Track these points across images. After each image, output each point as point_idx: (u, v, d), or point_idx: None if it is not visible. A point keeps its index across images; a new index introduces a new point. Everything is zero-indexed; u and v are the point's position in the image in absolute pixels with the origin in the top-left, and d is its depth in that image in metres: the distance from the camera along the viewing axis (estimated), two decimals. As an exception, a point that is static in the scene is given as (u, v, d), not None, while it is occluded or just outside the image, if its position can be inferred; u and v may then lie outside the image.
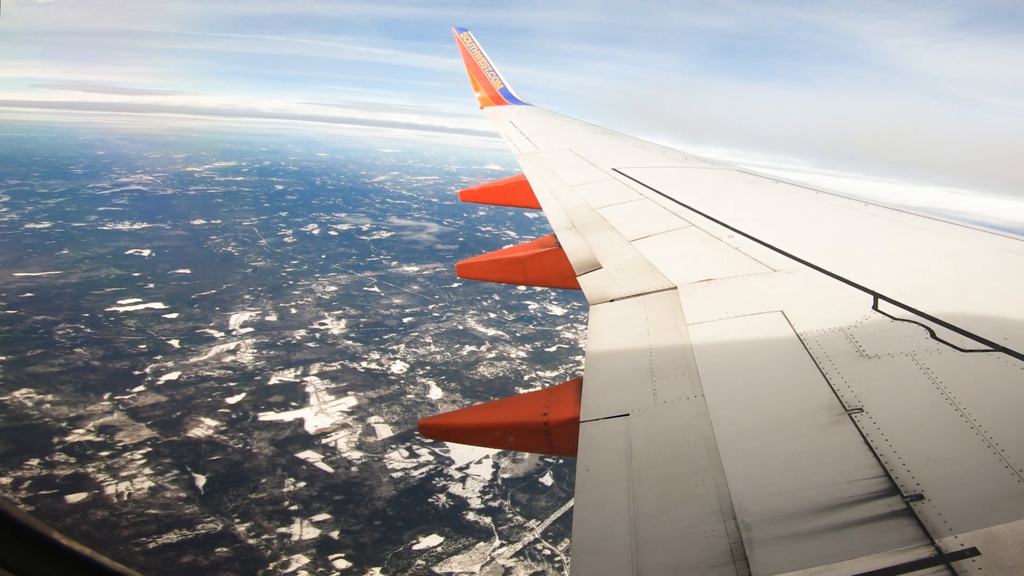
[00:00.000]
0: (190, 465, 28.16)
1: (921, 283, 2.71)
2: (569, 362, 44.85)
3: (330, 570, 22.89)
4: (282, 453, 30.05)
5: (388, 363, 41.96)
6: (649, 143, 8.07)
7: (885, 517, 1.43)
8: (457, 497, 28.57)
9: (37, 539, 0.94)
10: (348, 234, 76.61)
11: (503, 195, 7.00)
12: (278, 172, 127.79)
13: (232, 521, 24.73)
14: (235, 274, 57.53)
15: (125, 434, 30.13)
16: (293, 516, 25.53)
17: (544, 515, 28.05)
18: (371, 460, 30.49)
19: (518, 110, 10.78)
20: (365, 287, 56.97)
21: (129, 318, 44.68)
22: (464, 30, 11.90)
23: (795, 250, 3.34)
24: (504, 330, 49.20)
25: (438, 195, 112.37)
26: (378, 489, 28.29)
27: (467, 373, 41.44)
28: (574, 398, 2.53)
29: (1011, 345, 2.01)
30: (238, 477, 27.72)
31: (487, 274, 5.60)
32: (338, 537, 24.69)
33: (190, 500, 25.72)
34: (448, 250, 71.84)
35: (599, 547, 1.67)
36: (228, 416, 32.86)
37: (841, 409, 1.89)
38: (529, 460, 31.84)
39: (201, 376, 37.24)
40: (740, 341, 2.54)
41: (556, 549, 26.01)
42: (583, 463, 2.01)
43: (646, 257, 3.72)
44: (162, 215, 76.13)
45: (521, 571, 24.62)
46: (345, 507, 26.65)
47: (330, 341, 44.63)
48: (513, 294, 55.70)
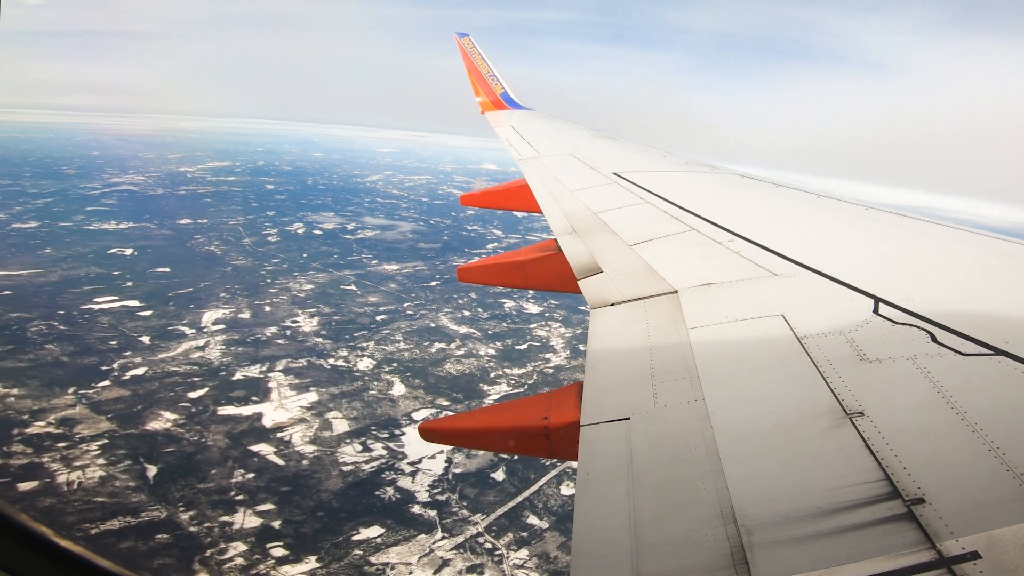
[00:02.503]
0: (143, 456, 29.44)
1: (922, 287, 2.75)
2: (538, 359, 45.61)
3: (266, 557, 23.92)
4: (236, 446, 31.23)
5: (355, 360, 43.07)
6: (650, 147, 8.23)
7: (886, 521, 1.45)
8: (405, 490, 29.51)
9: (37, 540, 0.95)
10: (332, 233, 78.12)
11: (504, 199, 7.09)
12: (271, 172, 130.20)
13: (177, 509, 25.91)
14: (214, 272, 59.12)
15: (84, 426, 31.53)
16: (237, 506, 26.64)
17: (491, 510, 28.85)
18: (323, 454, 31.55)
19: (519, 114, 10.99)
20: (342, 285, 58.25)
21: (103, 315, 46.34)
22: (465, 35, 12.22)
23: (795, 254, 3.42)
24: (476, 328, 50.13)
25: (429, 195, 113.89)
26: (326, 482, 29.32)
27: (433, 370, 42.42)
28: (575, 402, 2.60)
29: (1012, 349, 2.04)
30: (189, 468, 28.93)
31: (488, 278, 5.74)
32: (279, 527, 25.74)
33: (138, 489, 26.96)
34: (430, 249, 73.06)
35: (599, 551, 1.70)
36: (188, 410, 34.16)
37: (842, 413, 1.93)
38: (483, 455, 32.64)
39: (167, 372, 38.64)
40: (741, 345, 2.60)
41: (498, 543, 26.80)
42: (583, 467, 2.06)
43: (647, 261, 3.80)
44: (149, 215, 78.28)
45: (459, 563, 25.44)
46: (291, 498, 27.71)
47: (300, 338, 45.88)
48: (491, 292, 56.56)
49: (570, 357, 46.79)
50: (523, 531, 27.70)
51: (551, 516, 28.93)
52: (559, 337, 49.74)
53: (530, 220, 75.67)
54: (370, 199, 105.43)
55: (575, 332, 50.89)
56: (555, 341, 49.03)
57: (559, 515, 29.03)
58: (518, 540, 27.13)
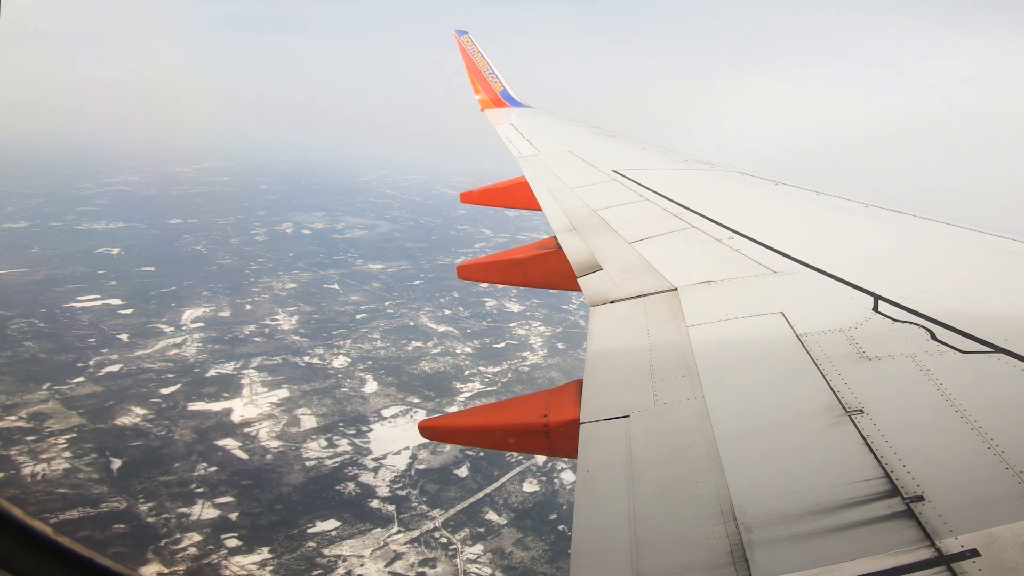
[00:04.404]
0: (110, 450, 30.50)
1: (921, 285, 2.80)
2: (515, 358, 46.26)
3: (219, 548, 24.80)
4: (202, 440, 32.23)
5: (331, 358, 44.01)
6: (650, 144, 8.33)
7: (885, 518, 1.47)
8: (365, 485, 30.30)
9: (37, 539, 0.97)
10: (320, 232, 79.45)
11: (503, 197, 7.19)
12: (266, 171, 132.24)
13: (137, 501, 26.90)
14: (199, 272, 60.47)
15: (55, 421, 32.69)
16: (197, 498, 27.59)
17: (450, 505, 29.54)
18: (288, 449, 32.45)
19: (519, 112, 11.16)
20: (325, 284, 59.34)
21: (84, 313, 47.73)
22: (464, 33, 12.35)
23: (795, 252, 3.48)
24: (455, 326, 50.91)
25: (422, 193, 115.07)
26: (288, 476, 30.20)
27: (407, 368, 43.24)
28: (574, 400, 2.64)
29: (1011, 346, 2.08)
30: (153, 461, 29.94)
31: (487, 276, 5.79)
32: (236, 518, 26.64)
33: (101, 481, 28.00)
34: (417, 248, 74.03)
35: (599, 548, 1.74)
36: (158, 405, 35.24)
37: (841, 410, 1.96)
38: (449, 452, 33.38)
39: (141, 368, 39.81)
40: (740, 342, 2.65)
41: (454, 538, 27.48)
42: (583, 465, 2.10)
43: (646, 259, 3.87)
44: (140, 215, 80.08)
45: (412, 556, 26.15)
46: (251, 491, 28.61)
47: (277, 336, 46.94)
48: (474, 291, 57.36)
49: (547, 355, 47.42)
50: (480, 527, 28.36)
51: (510, 512, 29.57)
52: (538, 336, 50.36)
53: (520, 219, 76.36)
54: (362, 198, 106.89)
55: (555, 331, 51.50)
56: (534, 340, 49.65)
57: (519, 512, 29.67)
58: (474, 535, 27.79)
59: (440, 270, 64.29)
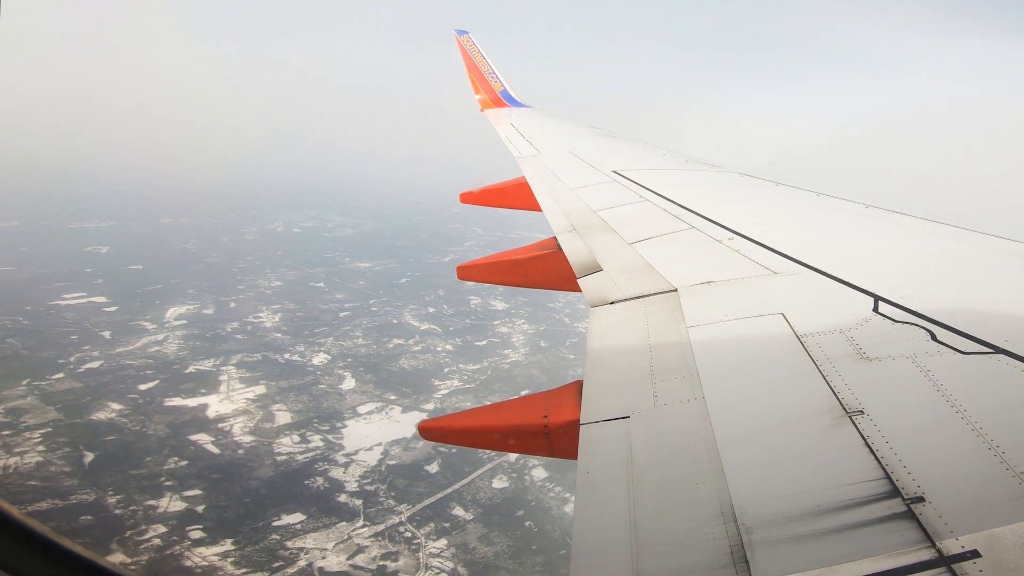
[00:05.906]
0: (83, 444, 31.34)
1: (921, 285, 2.83)
2: (496, 355, 46.80)
3: (183, 539, 25.51)
4: (175, 435, 33.01)
5: (311, 355, 44.77)
6: (650, 144, 8.42)
7: (886, 519, 1.49)
8: (335, 480, 30.95)
9: (36, 540, 0.98)
10: (311, 231, 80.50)
11: (503, 197, 7.22)
12: (264, 171, 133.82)
13: (106, 493, 27.68)
14: (187, 270, 61.51)
15: (31, 416, 33.60)
16: (165, 491, 28.33)
17: (417, 500, 30.12)
18: (260, 444, 33.17)
19: (519, 112, 11.22)
20: (311, 283, 60.20)
21: (69, 311, 48.78)
22: (464, 32, 12.44)
23: (795, 252, 3.52)
24: (438, 324, 51.54)
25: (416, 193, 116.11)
26: (258, 470, 30.90)
27: (386, 365, 43.90)
28: (574, 400, 2.68)
29: (1012, 347, 2.10)
30: (125, 455, 30.74)
31: (486, 276, 5.82)
32: (202, 511, 27.35)
33: (72, 474, 28.82)
34: (406, 247, 74.83)
35: (599, 550, 1.76)
36: (135, 401, 36.09)
37: (842, 411, 1.98)
38: (421, 448, 33.97)
39: (122, 365, 40.72)
40: (741, 343, 2.67)
41: (418, 532, 28.04)
42: (583, 466, 2.12)
43: (646, 259, 3.91)
44: (132, 214, 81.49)
45: (375, 550, 26.74)
46: (220, 485, 29.32)
47: (259, 333, 47.76)
48: (459, 289, 57.95)
49: (529, 353, 47.92)
50: (446, 522, 28.90)
51: (478, 508, 30.09)
52: (521, 334, 50.88)
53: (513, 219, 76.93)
54: (355, 197, 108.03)
55: (539, 328, 52.00)
56: (516, 338, 50.17)
57: (486, 507, 30.19)
58: (439, 530, 28.34)
59: (428, 268, 65.03)
